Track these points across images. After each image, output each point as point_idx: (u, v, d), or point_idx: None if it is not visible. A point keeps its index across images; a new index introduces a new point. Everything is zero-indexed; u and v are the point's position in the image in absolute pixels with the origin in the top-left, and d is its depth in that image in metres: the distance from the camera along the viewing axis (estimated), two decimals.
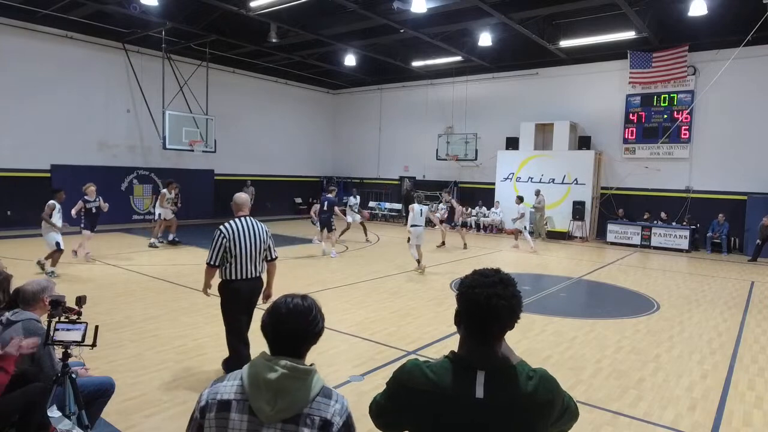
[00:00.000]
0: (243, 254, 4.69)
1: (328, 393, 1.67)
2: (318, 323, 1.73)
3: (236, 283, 4.74)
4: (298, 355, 1.68)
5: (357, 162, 25.28)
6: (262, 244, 4.81)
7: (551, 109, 18.75)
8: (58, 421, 3.37)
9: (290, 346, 1.67)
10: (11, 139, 15.32)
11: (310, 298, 1.76)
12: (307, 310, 1.71)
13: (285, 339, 1.67)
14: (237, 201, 4.89)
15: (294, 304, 1.70)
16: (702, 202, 16.32)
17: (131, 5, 14.24)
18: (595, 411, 4.55)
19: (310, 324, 1.70)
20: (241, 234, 4.70)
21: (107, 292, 8.39)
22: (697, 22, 14.36)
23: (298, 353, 1.68)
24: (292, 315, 1.68)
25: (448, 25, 15.89)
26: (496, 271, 1.60)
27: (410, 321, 7.31)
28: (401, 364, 1.66)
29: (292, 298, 1.73)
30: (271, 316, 1.70)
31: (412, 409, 1.57)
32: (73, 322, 3.37)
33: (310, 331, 1.70)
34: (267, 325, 1.70)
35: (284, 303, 1.71)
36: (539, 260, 13.39)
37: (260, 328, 1.71)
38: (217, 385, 1.69)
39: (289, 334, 1.67)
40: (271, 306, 1.73)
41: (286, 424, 1.58)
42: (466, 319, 1.57)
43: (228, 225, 4.72)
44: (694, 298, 9.39)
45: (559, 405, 1.59)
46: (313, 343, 1.73)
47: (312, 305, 1.73)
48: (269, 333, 1.69)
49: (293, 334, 1.67)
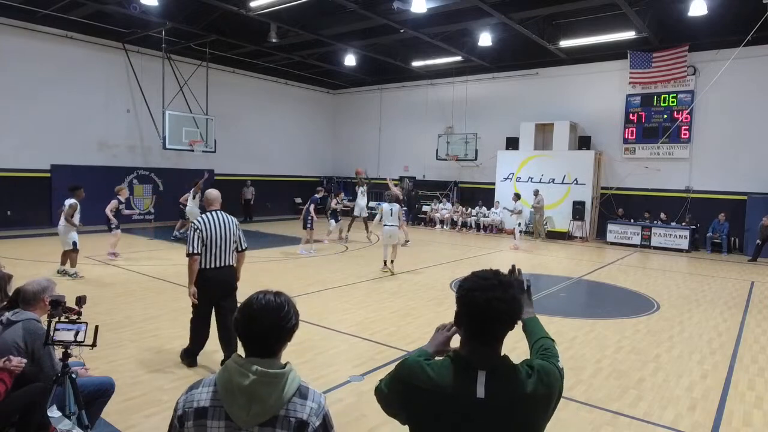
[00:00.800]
0: (214, 245, 5.08)
1: (305, 393, 1.65)
2: (290, 320, 1.68)
3: (207, 272, 5.10)
4: (271, 353, 1.65)
5: (357, 162, 25.20)
6: (232, 236, 5.19)
7: (551, 109, 18.74)
8: (58, 421, 3.37)
9: (262, 345, 1.64)
10: (11, 139, 15.32)
11: (284, 295, 1.73)
12: (279, 306, 1.67)
13: (256, 337, 1.64)
14: (209, 197, 5.33)
15: (266, 301, 1.67)
16: (702, 202, 16.32)
17: (131, 5, 14.24)
18: (595, 411, 4.55)
19: (282, 321, 1.66)
20: (213, 226, 5.10)
21: (107, 292, 8.39)
22: (697, 22, 14.36)
23: (271, 351, 1.65)
24: (264, 312, 1.65)
25: (448, 25, 15.89)
26: (495, 273, 1.60)
27: (410, 321, 7.31)
28: (403, 359, 1.67)
29: (264, 295, 1.69)
30: (243, 313, 1.67)
31: (412, 406, 1.57)
32: (73, 322, 3.37)
33: (283, 327, 1.66)
34: (238, 323, 1.67)
35: (256, 300, 1.68)
36: (539, 260, 13.39)
37: (233, 327, 1.70)
38: (193, 392, 1.67)
39: (260, 331, 1.64)
40: (243, 303, 1.70)
41: (263, 427, 1.58)
42: (467, 322, 1.58)
43: (201, 218, 5.17)
44: (694, 298, 9.39)
45: (557, 391, 1.61)
46: (287, 341, 1.70)
47: (284, 302, 1.70)
48: (240, 330, 1.66)
49: (264, 331, 1.64)
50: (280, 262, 11.88)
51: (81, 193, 9.92)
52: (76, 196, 9.76)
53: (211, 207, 5.26)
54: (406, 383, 1.59)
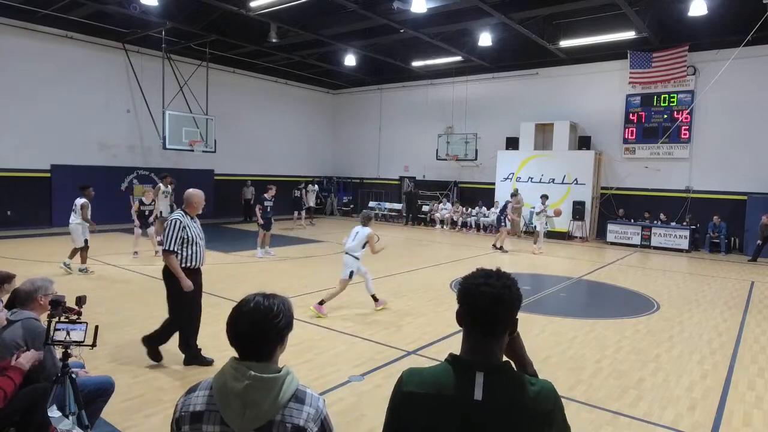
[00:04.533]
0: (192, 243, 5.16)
1: (302, 397, 1.61)
2: (279, 322, 1.63)
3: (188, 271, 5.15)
4: (264, 356, 1.61)
5: (357, 162, 25.29)
6: None
7: (551, 109, 18.75)
8: (58, 420, 3.36)
9: (253, 348, 1.61)
10: (11, 139, 15.33)
11: (278, 297, 1.69)
12: (268, 309, 1.63)
13: (245, 340, 1.61)
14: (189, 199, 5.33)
15: (255, 303, 1.63)
16: (702, 202, 16.32)
17: (131, 5, 14.25)
18: (595, 411, 4.55)
19: (269, 323, 1.61)
20: (191, 225, 5.17)
21: (107, 292, 8.39)
22: (697, 22, 14.37)
23: (263, 354, 1.61)
24: (251, 315, 1.61)
25: (448, 25, 15.89)
26: (496, 269, 1.60)
27: (410, 321, 7.31)
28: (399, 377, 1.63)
29: (254, 297, 1.66)
30: (232, 315, 1.65)
31: (412, 414, 1.55)
32: (73, 322, 3.37)
33: (271, 330, 1.62)
34: (228, 326, 1.65)
35: (245, 303, 1.65)
36: (539, 260, 13.39)
37: (226, 329, 1.66)
38: (190, 395, 1.65)
39: (248, 334, 1.60)
40: (235, 306, 1.67)
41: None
42: (465, 317, 1.57)
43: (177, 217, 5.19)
44: (694, 298, 9.39)
45: (558, 420, 1.55)
46: (278, 344, 1.65)
47: (274, 304, 1.65)
48: (230, 334, 1.64)
49: (252, 335, 1.60)
50: (280, 262, 11.87)
51: (90, 192, 10.09)
52: (86, 195, 9.93)
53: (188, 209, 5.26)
54: (404, 392, 1.56)
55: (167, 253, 5.07)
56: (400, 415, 1.57)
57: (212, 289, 8.72)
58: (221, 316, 5.56)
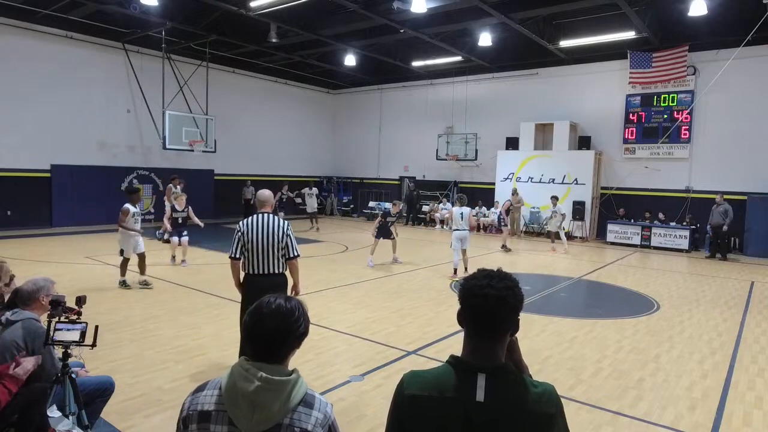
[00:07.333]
0: (254, 249, 4.78)
1: (311, 401, 1.60)
2: (300, 326, 1.64)
3: (251, 277, 4.86)
4: (278, 359, 1.61)
5: (357, 162, 25.28)
6: (277, 242, 4.82)
7: (551, 109, 18.74)
8: (58, 420, 3.37)
9: (269, 350, 1.60)
10: (11, 139, 15.32)
11: (295, 299, 1.69)
12: (289, 311, 1.63)
13: (263, 341, 1.60)
14: (258, 198, 5.06)
15: (276, 305, 1.63)
16: (702, 202, 16.31)
17: (131, 5, 14.25)
18: (595, 411, 4.55)
19: (291, 326, 1.61)
20: (254, 229, 4.79)
21: (107, 292, 8.39)
22: (697, 22, 14.37)
23: (277, 357, 1.61)
24: (273, 316, 1.60)
25: (448, 25, 15.89)
26: (498, 270, 1.60)
27: (410, 321, 7.31)
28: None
29: (275, 299, 1.65)
30: (252, 316, 1.63)
31: (415, 417, 1.54)
32: (73, 322, 3.37)
33: (291, 334, 1.62)
34: (246, 326, 1.63)
35: (266, 303, 1.64)
36: (539, 260, 13.39)
37: (240, 329, 1.66)
38: (198, 394, 1.65)
39: (268, 336, 1.59)
40: (254, 306, 1.66)
41: None
42: (466, 317, 1.57)
43: (244, 221, 4.89)
44: (694, 298, 9.39)
45: (560, 424, 1.54)
46: (296, 347, 1.66)
47: (296, 307, 1.65)
48: (248, 334, 1.63)
49: (271, 336, 1.59)
50: None
51: (137, 196, 9.28)
52: (132, 200, 9.04)
53: (261, 209, 4.96)
54: (405, 395, 1.55)
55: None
56: (402, 418, 1.56)
57: (212, 289, 8.74)
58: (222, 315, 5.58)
